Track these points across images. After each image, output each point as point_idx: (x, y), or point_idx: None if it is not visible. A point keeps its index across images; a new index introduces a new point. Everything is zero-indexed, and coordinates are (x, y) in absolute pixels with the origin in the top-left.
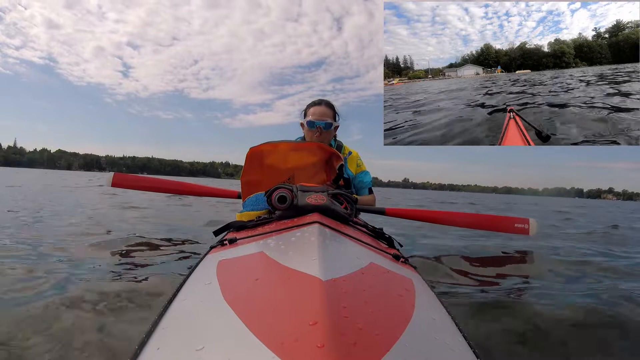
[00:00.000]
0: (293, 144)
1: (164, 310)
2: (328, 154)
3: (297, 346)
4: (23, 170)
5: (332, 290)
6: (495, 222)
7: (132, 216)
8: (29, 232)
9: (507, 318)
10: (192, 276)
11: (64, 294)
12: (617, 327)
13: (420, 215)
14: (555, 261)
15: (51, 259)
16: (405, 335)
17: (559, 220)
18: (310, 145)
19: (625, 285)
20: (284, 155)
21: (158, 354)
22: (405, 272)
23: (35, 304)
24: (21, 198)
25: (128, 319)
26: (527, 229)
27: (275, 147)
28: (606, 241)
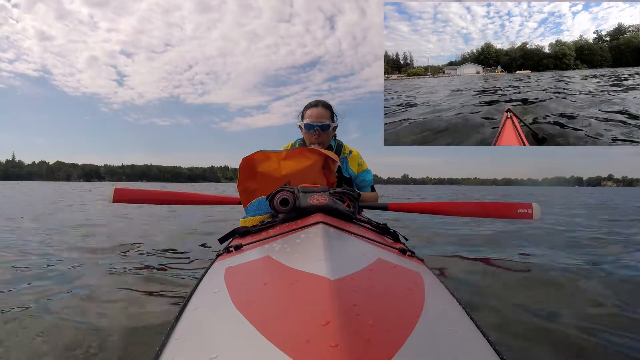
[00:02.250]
0: (284, 153)
1: (175, 322)
2: (322, 157)
3: (310, 347)
4: (23, 183)
5: (342, 289)
6: (498, 209)
7: (135, 226)
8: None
9: (518, 306)
10: (201, 285)
11: (70, 309)
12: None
13: (422, 208)
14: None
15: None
16: (417, 328)
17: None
18: (301, 151)
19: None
20: (277, 164)
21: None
22: (413, 266)
23: (34, 319)
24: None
25: (142, 332)
26: (531, 214)
27: (267, 157)
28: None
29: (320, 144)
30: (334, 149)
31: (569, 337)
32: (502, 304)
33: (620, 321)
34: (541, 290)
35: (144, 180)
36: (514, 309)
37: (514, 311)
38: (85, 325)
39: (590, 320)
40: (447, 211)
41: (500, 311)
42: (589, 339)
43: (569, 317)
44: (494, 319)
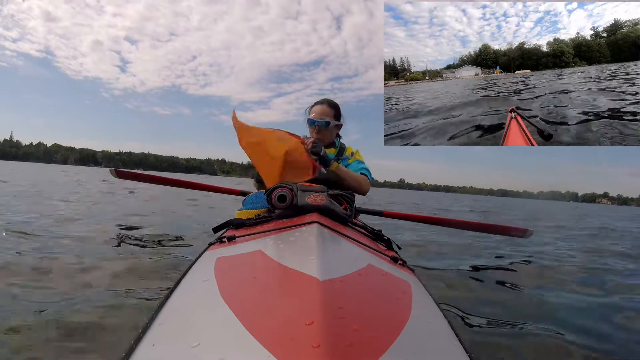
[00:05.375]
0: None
1: (160, 307)
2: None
3: (292, 346)
4: (19, 164)
5: (330, 291)
6: (491, 228)
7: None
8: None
9: (503, 322)
10: (190, 273)
11: (57, 291)
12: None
13: (417, 216)
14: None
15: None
16: (400, 338)
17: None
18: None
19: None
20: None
21: (153, 350)
22: (403, 275)
23: (27, 302)
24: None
25: (124, 314)
26: (523, 234)
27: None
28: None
29: (320, 140)
30: (336, 149)
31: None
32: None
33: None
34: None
35: (140, 168)
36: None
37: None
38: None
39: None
40: (442, 222)
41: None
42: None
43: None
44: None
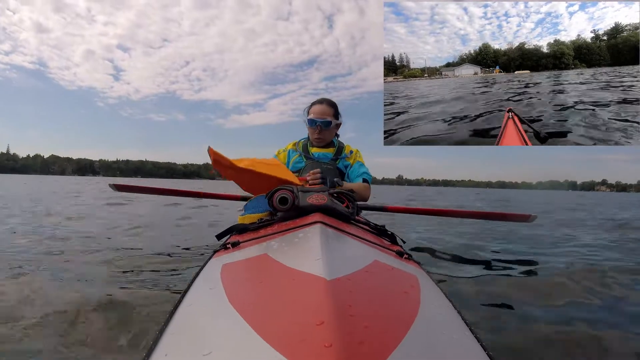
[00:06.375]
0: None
1: (170, 317)
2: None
3: (304, 347)
4: (18, 176)
5: (337, 290)
6: (495, 215)
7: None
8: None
9: (512, 310)
10: (197, 281)
11: (68, 302)
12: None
13: (420, 210)
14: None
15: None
16: (411, 332)
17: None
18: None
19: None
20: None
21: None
22: (409, 269)
23: (39, 313)
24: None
25: (135, 327)
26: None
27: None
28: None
29: (321, 139)
30: (335, 148)
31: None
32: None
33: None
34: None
35: (138, 175)
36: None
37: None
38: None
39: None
40: (446, 213)
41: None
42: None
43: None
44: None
